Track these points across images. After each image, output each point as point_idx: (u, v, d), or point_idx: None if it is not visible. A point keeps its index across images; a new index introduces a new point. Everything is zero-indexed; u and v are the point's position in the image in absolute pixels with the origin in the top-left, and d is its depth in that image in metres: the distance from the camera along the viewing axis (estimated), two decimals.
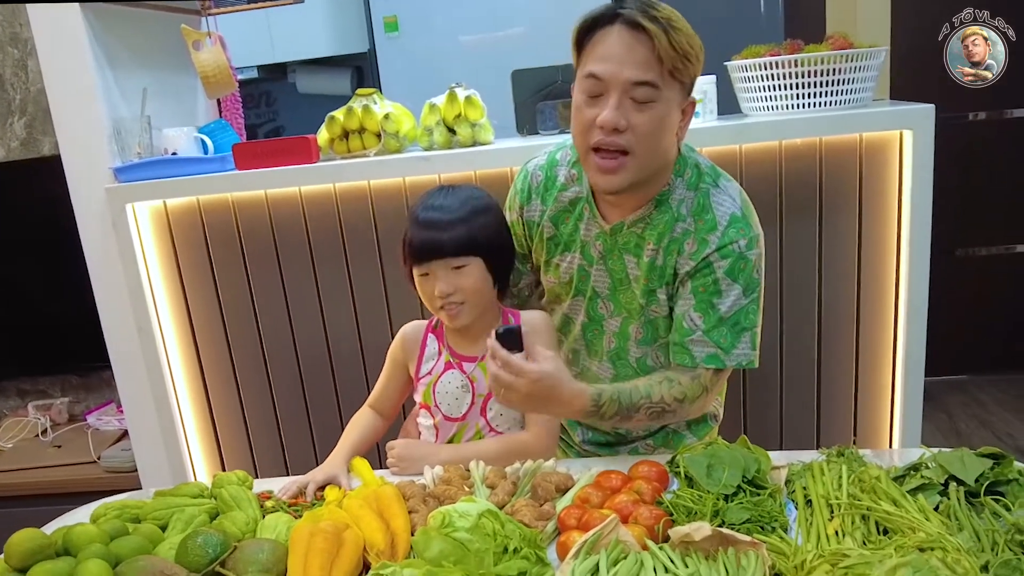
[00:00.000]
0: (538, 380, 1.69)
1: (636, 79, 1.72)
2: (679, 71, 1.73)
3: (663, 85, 1.74)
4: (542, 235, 2.06)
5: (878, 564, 1.22)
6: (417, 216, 1.93)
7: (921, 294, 2.58)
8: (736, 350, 1.89)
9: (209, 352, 2.95)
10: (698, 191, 1.90)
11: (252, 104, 4.92)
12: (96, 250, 2.85)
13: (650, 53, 1.71)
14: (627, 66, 1.72)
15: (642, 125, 1.76)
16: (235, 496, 1.78)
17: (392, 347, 2.14)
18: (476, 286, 1.93)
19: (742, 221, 1.87)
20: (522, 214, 2.09)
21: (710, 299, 1.88)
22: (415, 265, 1.93)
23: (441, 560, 1.40)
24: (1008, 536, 1.36)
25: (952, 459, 1.56)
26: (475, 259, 1.92)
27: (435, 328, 2.09)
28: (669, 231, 1.90)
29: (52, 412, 3.73)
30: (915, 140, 2.48)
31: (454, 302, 1.91)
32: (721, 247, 1.85)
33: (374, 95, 2.80)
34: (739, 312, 1.88)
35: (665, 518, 1.52)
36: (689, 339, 1.90)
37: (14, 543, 1.50)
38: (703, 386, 1.91)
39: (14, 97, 3.53)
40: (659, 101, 1.75)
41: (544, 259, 2.09)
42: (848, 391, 2.76)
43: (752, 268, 1.88)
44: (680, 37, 1.70)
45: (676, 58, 1.71)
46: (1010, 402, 4.59)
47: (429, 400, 2.06)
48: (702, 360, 1.89)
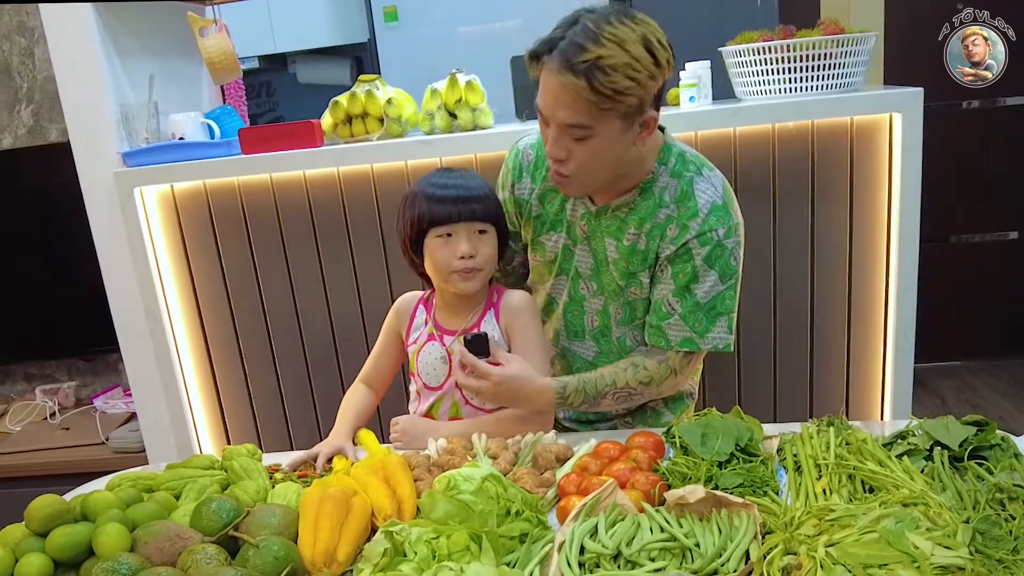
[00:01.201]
0: (501, 383, 1.88)
1: (566, 121, 1.78)
2: (613, 108, 1.74)
3: (595, 122, 1.76)
4: (530, 213, 2.12)
5: (862, 516, 1.28)
6: (429, 191, 1.97)
7: (911, 274, 2.63)
8: (711, 334, 1.97)
9: (216, 333, 2.99)
10: (681, 179, 1.95)
11: (253, 94, 4.94)
12: (105, 234, 2.89)
13: (575, 98, 1.73)
14: (558, 108, 1.77)
15: (580, 155, 1.83)
16: (245, 467, 1.82)
17: (388, 317, 2.22)
18: (492, 254, 2.01)
19: (722, 210, 1.93)
20: (513, 191, 2.14)
21: (688, 284, 1.95)
22: (436, 226, 1.96)
23: (447, 520, 1.45)
24: (989, 495, 1.41)
25: (937, 426, 1.61)
26: (493, 229, 2.00)
27: (426, 301, 2.16)
28: (651, 216, 1.96)
29: (59, 396, 3.76)
30: (904, 123, 2.53)
31: (474, 267, 1.97)
32: (701, 234, 1.91)
33: (377, 81, 2.85)
34: (716, 298, 1.95)
35: (661, 483, 1.56)
36: (666, 323, 1.98)
37: (34, 508, 1.54)
38: (671, 369, 2.00)
39: (21, 85, 3.57)
40: (594, 136, 1.79)
41: (531, 237, 2.15)
42: (840, 371, 2.81)
43: (729, 255, 1.94)
44: (609, 78, 1.69)
45: (603, 100, 1.71)
46: (1002, 387, 4.62)
47: (414, 368, 2.13)
48: (677, 343, 1.98)
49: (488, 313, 2.08)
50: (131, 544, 1.50)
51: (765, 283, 2.73)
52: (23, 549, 1.51)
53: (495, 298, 2.10)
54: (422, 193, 1.98)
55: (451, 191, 1.96)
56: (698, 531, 1.38)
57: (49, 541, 1.51)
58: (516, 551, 1.44)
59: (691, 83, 2.70)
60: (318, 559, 1.46)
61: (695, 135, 2.60)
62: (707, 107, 2.70)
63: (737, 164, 2.64)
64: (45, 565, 1.48)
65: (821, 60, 2.55)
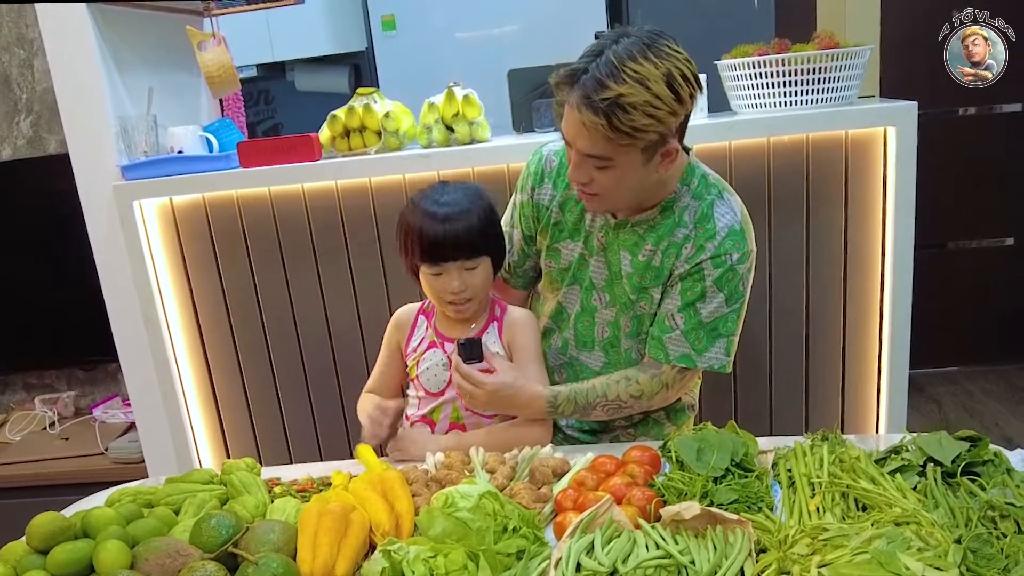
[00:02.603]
0: (495, 391, 1.95)
1: (586, 152, 1.81)
2: (632, 144, 1.76)
3: (615, 155, 1.79)
4: (549, 219, 2.14)
5: (855, 536, 1.29)
6: (426, 211, 1.97)
7: (905, 286, 2.64)
8: (709, 353, 2.00)
9: (214, 345, 3.00)
10: (702, 200, 1.98)
11: (251, 102, 4.96)
12: (104, 246, 2.89)
13: (594, 134, 1.76)
14: (579, 139, 1.80)
15: (603, 181, 1.86)
16: (244, 482, 1.83)
17: (387, 331, 2.22)
18: (484, 283, 2.04)
19: (739, 235, 1.95)
20: (532, 195, 2.16)
21: (694, 302, 1.97)
22: (427, 264, 1.99)
23: (444, 538, 1.47)
24: (981, 513, 1.43)
25: (931, 441, 1.63)
26: (484, 258, 2.02)
27: (426, 310, 2.19)
28: (669, 235, 1.98)
29: (59, 406, 3.76)
30: (899, 136, 2.55)
31: (465, 299, 2.01)
32: (715, 256, 1.94)
33: (374, 94, 2.86)
34: (719, 319, 1.98)
35: (657, 499, 1.58)
36: (667, 336, 2.00)
37: (35, 526, 1.55)
38: (663, 383, 2.03)
39: (20, 96, 3.58)
40: (615, 166, 1.82)
41: (548, 243, 2.17)
42: (836, 381, 2.83)
43: (739, 280, 1.97)
44: (629, 116, 1.70)
45: (622, 136, 1.73)
46: (999, 392, 4.65)
47: (413, 374, 2.15)
48: (675, 358, 2.01)
49: (491, 326, 2.11)
50: (131, 561, 1.51)
51: (761, 295, 2.74)
52: (24, 566, 1.52)
53: (498, 312, 2.13)
54: (419, 213, 1.98)
55: (440, 227, 1.94)
56: (693, 548, 1.39)
57: (50, 558, 1.52)
58: (513, 568, 1.45)
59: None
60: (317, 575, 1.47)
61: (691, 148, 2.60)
62: (703, 120, 2.71)
63: (733, 177, 2.65)
64: None
65: (816, 74, 2.57)
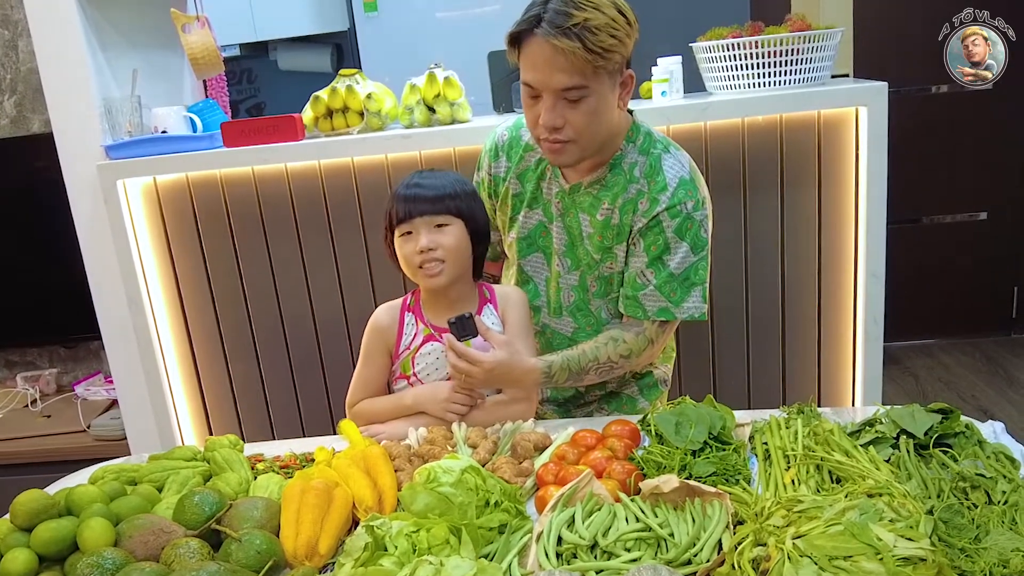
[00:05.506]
0: (492, 369, 1.92)
1: (563, 85, 1.84)
2: (603, 65, 1.83)
3: (591, 81, 1.84)
4: (508, 192, 2.17)
5: (828, 508, 1.32)
6: (398, 191, 2.02)
7: (878, 261, 2.69)
8: (686, 303, 2.04)
9: (197, 323, 3.01)
10: (649, 155, 2.03)
11: (234, 81, 4.94)
12: (87, 225, 2.90)
13: (572, 60, 1.80)
14: (553, 74, 1.83)
15: (577, 119, 1.89)
16: (227, 458, 1.83)
17: (367, 336, 2.15)
18: (456, 244, 2.00)
19: (690, 184, 2.00)
20: (490, 171, 2.20)
21: (660, 256, 2.01)
22: (399, 224, 1.99)
23: (427, 513, 1.48)
24: (953, 484, 1.46)
25: (903, 414, 1.65)
26: (456, 220, 2.00)
27: (411, 306, 2.14)
28: (623, 192, 2.03)
29: (40, 383, 3.77)
30: (869, 116, 2.59)
31: (435, 258, 1.97)
32: (670, 207, 1.98)
33: (357, 75, 2.86)
34: (689, 268, 2.02)
35: (636, 472, 1.60)
36: (642, 293, 2.04)
37: (19, 504, 1.56)
38: (648, 339, 2.07)
39: (4, 76, 3.56)
40: (590, 95, 1.86)
41: (509, 215, 2.20)
42: (812, 355, 2.87)
43: (699, 227, 2.01)
44: (598, 38, 1.78)
45: (596, 57, 1.80)
46: (974, 364, 4.71)
47: (408, 371, 2.11)
48: (654, 313, 2.04)
49: (486, 307, 2.11)
50: (115, 538, 1.52)
51: (737, 272, 2.78)
52: (8, 544, 1.52)
53: (487, 294, 2.13)
54: (395, 195, 2.02)
55: (414, 190, 1.99)
56: (672, 521, 1.41)
57: (34, 536, 1.52)
58: (495, 542, 1.47)
59: (663, 78, 2.74)
60: (300, 551, 1.48)
61: (667, 128, 2.63)
62: (679, 101, 2.75)
63: (708, 157, 2.68)
64: (30, 560, 1.50)
65: (789, 55, 2.60)
